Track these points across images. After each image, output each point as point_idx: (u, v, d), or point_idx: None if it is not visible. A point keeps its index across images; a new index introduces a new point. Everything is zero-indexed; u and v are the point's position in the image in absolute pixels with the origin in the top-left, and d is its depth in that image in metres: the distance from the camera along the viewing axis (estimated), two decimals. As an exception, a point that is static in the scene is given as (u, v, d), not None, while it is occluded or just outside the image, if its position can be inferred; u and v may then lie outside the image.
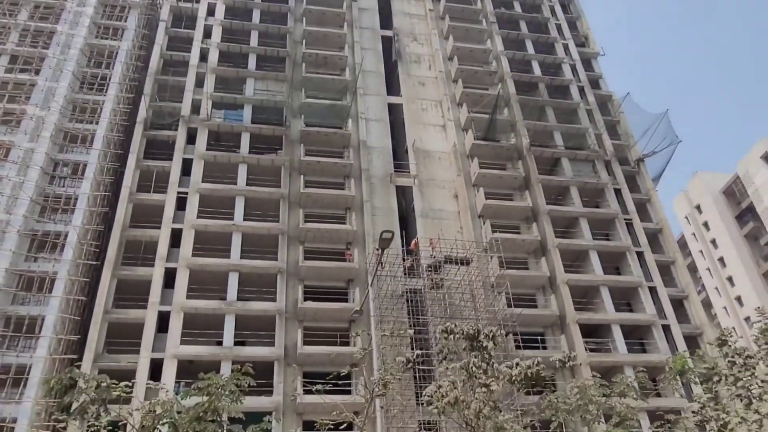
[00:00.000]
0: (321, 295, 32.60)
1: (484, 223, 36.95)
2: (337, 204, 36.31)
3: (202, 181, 35.15)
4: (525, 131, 40.63)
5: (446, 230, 36.29)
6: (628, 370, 31.75)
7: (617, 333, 34.30)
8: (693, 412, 18.16)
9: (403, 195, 40.08)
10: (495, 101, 40.16)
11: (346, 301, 33.12)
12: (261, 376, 25.43)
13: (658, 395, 32.27)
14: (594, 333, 35.17)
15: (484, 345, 17.30)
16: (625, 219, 39.19)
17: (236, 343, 30.66)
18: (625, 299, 36.99)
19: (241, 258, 32.70)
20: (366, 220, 35.85)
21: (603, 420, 21.93)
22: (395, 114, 43.36)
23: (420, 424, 29.51)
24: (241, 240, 33.37)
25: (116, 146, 38.12)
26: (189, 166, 35.80)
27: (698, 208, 65.75)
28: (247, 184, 35.53)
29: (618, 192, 40.53)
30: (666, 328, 35.42)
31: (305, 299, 32.34)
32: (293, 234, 34.53)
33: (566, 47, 46.00)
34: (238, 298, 31.74)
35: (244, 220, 34.10)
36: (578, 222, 38.08)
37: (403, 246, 34.99)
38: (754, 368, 17.41)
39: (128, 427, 13.52)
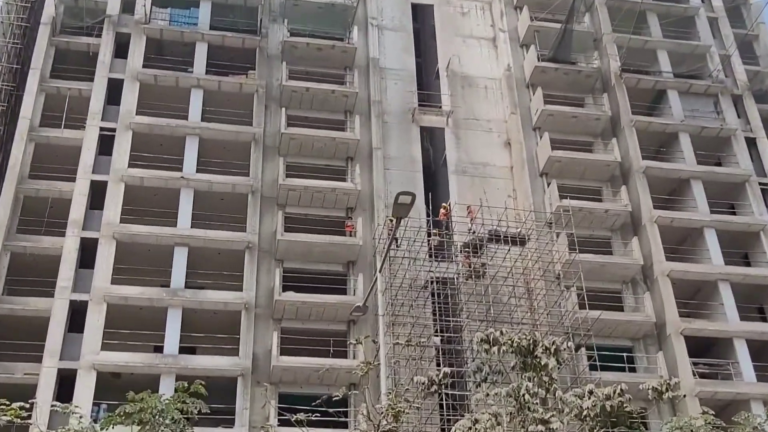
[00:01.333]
0: (308, 283, 33.14)
1: (548, 185, 37.41)
2: (333, 151, 36.93)
3: (137, 113, 35.65)
4: (614, 49, 40.76)
5: (492, 193, 36.82)
6: (756, 406, 32.07)
7: (742, 351, 34.36)
8: None
9: (431, 141, 40.78)
10: (571, 4, 40.01)
11: (344, 292, 33.78)
12: (218, 398, 25.66)
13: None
14: (707, 350, 35.24)
15: (542, 363, 17.33)
16: (760, 183, 39.31)
17: (183, 351, 31.27)
18: (755, 302, 37.05)
19: (192, 227, 33.50)
20: (376, 177, 36.66)
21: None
22: (422, 20, 43.14)
23: (446, 473, 30.24)
24: (193, 200, 34.13)
25: (10, 58, 38.16)
26: (118, 89, 36.18)
27: None
28: (202, 119, 36.18)
29: (751, 143, 40.63)
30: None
31: (285, 288, 32.87)
32: (269, 194, 35.33)
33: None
34: (188, 286, 32.43)
35: (198, 171, 34.89)
36: (689, 186, 38.33)
37: (428, 215, 35.11)
38: None
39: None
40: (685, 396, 31.09)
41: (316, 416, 16.13)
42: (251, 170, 35.35)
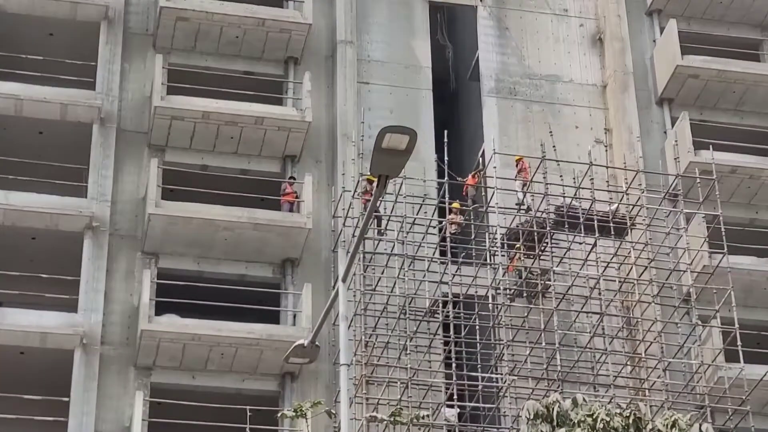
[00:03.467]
0: (204, 298, 33.63)
1: (674, 123, 38.21)
2: (261, 45, 38.01)
3: None
4: None
5: (566, 136, 37.89)
6: None
7: None
8: None
9: (450, 31, 42.37)
10: None
11: (274, 319, 34.90)
12: None
13: None
14: None
15: None
16: None
17: None
18: None
19: None
20: (341, 95, 37.47)
21: None
22: None
23: None
24: None
25: None
26: None
27: None
28: None
29: None
30: None
31: (160, 309, 33.66)
32: (133, 124, 36.60)
33: None
34: None
35: None
36: None
37: (442, 175, 35.15)
38: None
39: None
40: None
41: None
42: (99, 78, 36.10)
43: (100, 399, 32.21)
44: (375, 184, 17.54)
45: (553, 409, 17.90)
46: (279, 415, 30.19)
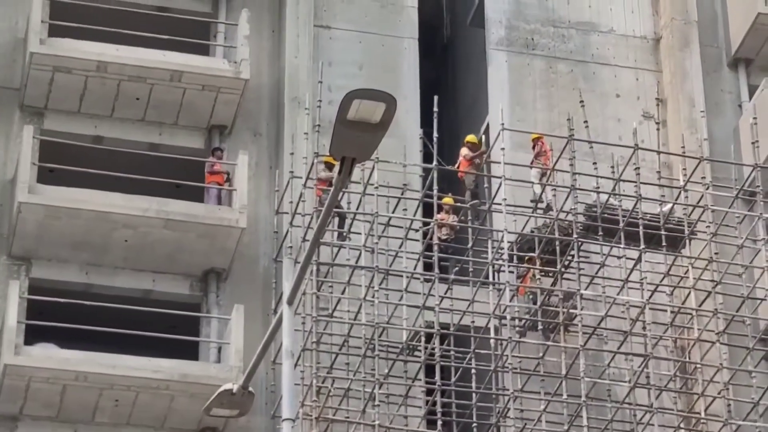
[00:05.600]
0: (91, 321, 34.21)
1: (752, 93, 39.26)
2: None
3: None
4: None
5: (604, 108, 39.33)
6: None
7: None
8: None
9: None
10: None
11: (192, 353, 35.79)
12: None
13: None
14: None
15: None
16: None
17: None
18: None
19: None
20: (292, 45, 38.64)
21: None
22: None
23: None
24: None
25: None
26: None
27: None
28: None
29: None
30: None
31: (31, 337, 34.34)
32: (1, 80, 37.31)
33: None
34: None
35: None
36: None
37: (429, 159, 35.04)
38: None
39: None
40: None
41: None
42: None
43: None
44: (336, 169, 17.50)
45: None
46: None
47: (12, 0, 36.84)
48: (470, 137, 36.70)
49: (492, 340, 34.03)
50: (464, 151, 36.28)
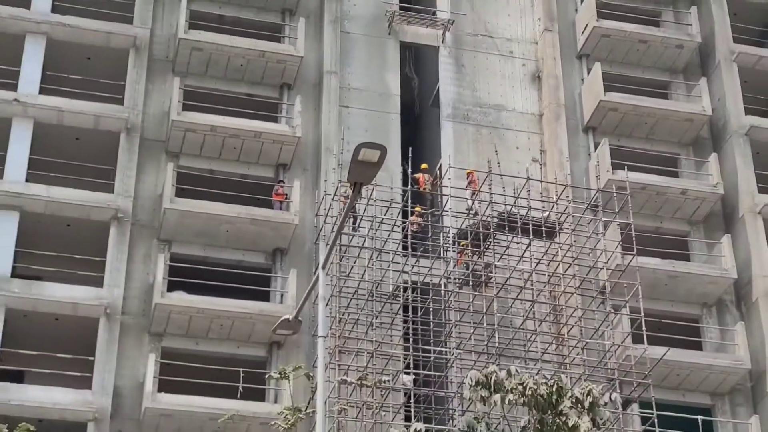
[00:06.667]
0: (209, 279, 33.77)
1: (597, 146, 38.16)
2: (261, 73, 37.66)
3: None
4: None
5: (509, 155, 37.81)
6: None
7: None
8: None
9: (417, 67, 41.83)
10: None
11: (265, 297, 34.72)
12: None
13: None
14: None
15: (570, 423, 17.42)
16: None
17: (5, 377, 31.58)
18: None
19: (27, 182, 34.05)
20: (326, 118, 37.24)
21: None
22: None
23: None
24: (32, 138, 34.73)
25: None
26: None
27: None
28: (54, 11, 36.57)
29: None
30: None
31: (172, 287, 33.41)
32: (154, 135, 36.14)
33: None
34: (16, 274, 33.11)
35: (42, 93, 35.41)
36: (813, 160, 39.08)
37: (406, 183, 35.40)
38: None
39: None
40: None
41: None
42: (127, 95, 35.83)
43: (120, 359, 32.16)
44: (351, 191, 17.73)
45: (491, 378, 18.05)
46: (267, 376, 30.90)
47: (162, 89, 36.30)
48: (424, 165, 36.64)
49: (442, 291, 34.10)
50: (425, 176, 36.17)
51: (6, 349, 31.52)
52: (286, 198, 35.26)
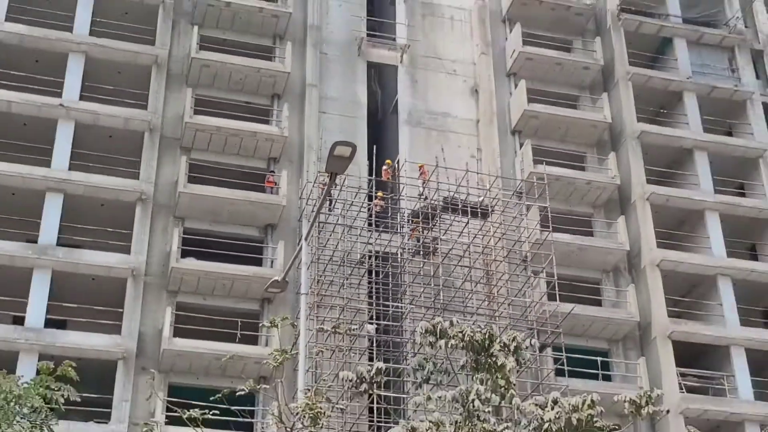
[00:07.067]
0: (214, 249, 33.60)
1: (521, 146, 38.16)
2: (256, 85, 37.41)
3: (6, 20, 35.66)
4: (613, -17, 41.44)
5: (452, 152, 37.29)
6: (752, 428, 33.03)
7: (740, 362, 35.17)
8: None
9: (380, 81, 41.70)
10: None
11: (259, 263, 34.58)
12: (92, 385, 25.88)
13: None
14: (699, 359, 36.02)
15: (498, 363, 17.56)
16: (778, 161, 40.37)
17: (50, 324, 31.48)
18: (760, 304, 37.92)
19: (70, 170, 33.76)
20: (308, 121, 37.19)
21: None
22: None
23: (374, 493, 30.85)
24: (74, 135, 34.40)
25: None
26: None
27: None
28: (91, 33, 36.31)
29: None
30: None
31: (184, 254, 33.34)
32: (171, 134, 35.85)
33: None
34: (61, 243, 32.75)
35: (82, 99, 35.08)
36: (692, 158, 39.11)
37: (371, 174, 35.60)
38: None
39: None
40: (668, 412, 31.99)
41: (214, 414, 16.11)
42: (150, 102, 35.54)
43: (143, 311, 32.17)
44: (327, 179, 18.36)
45: (437, 327, 17.97)
46: (260, 325, 30.96)
47: (178, 98, 36.01)
48: (388, 161, 36.60)
49: (399, 259, 34.52)
50: (386, 168, 36.30)
51: (52, 302, 31.51)
52: (275, 185, 35.11)
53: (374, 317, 33.30)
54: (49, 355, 28.35)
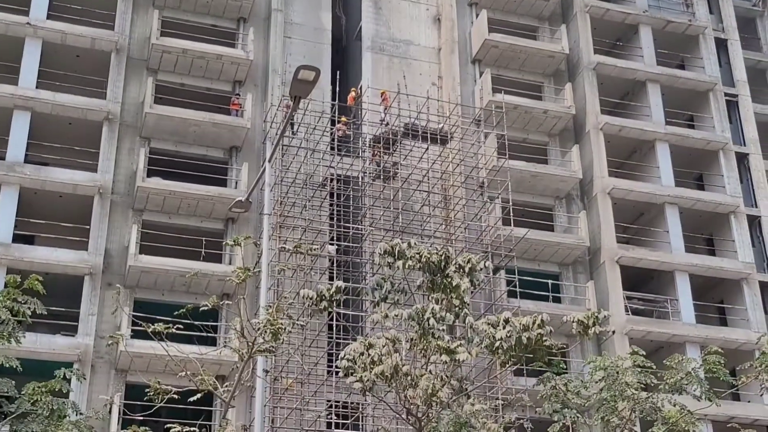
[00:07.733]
0: (180, 169, 33.65)
1: (481, 75, 38.30)
2: (222, 8, 37.19)
3: None
4: None
5: (413, 79, 37.31)
6: (692, 349, 33.47)
7: (683, 287, 36.05)
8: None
9: (344, 8, 41.20)
10: None
11: (223, 184, 34.69)
12: (59, 299, 26.27)
13: (736, 397, 33.91)
14: (644, 284, 36.90)
15: (453, 283, 17.70)
16: (726, 95, 40.60)
17: (17, 239, 31.78)
18: (704, 232, 38.81)
19: (37, 88, 33.62)
20: (273, 45, 36.92)
21: (638, 428, 23.04)
22: None
23: (331, 405, 30.99)
24: (41, 54, 34.25)
25: None
26: None
27: None
28: None
29: (722, 46, 42.17)
30: (768, 287, 37.79)
31: (150, 173, 33.37)
32: (138, 55, 35.66)
33: None
34: (28, 160, 32.84)
35: (49, 18, 34.74)
36: (645, 90, 39.49)
37: (334, 99, 35.59)
38: None
39: None
40: (614, 333, 31.75)
41: (178, 328, 16.24)
42: (117, 22, 35.21)
43: (110, 229, 32.27)
44: (291, 102, 18.25)
45: (395, 248, 17.79)
46: (224, 244, 31.21)
47: (145, 19, 35.51)
48: (353, 89, 36.58)
49: (360, 182, 34.62)
50: (351, 94, 36.30)
51: (20, 218, 31.49)
52: (240, 107, 34.99)
53: (335, 238, 33.48)
54: (16, 269, 28.11)
